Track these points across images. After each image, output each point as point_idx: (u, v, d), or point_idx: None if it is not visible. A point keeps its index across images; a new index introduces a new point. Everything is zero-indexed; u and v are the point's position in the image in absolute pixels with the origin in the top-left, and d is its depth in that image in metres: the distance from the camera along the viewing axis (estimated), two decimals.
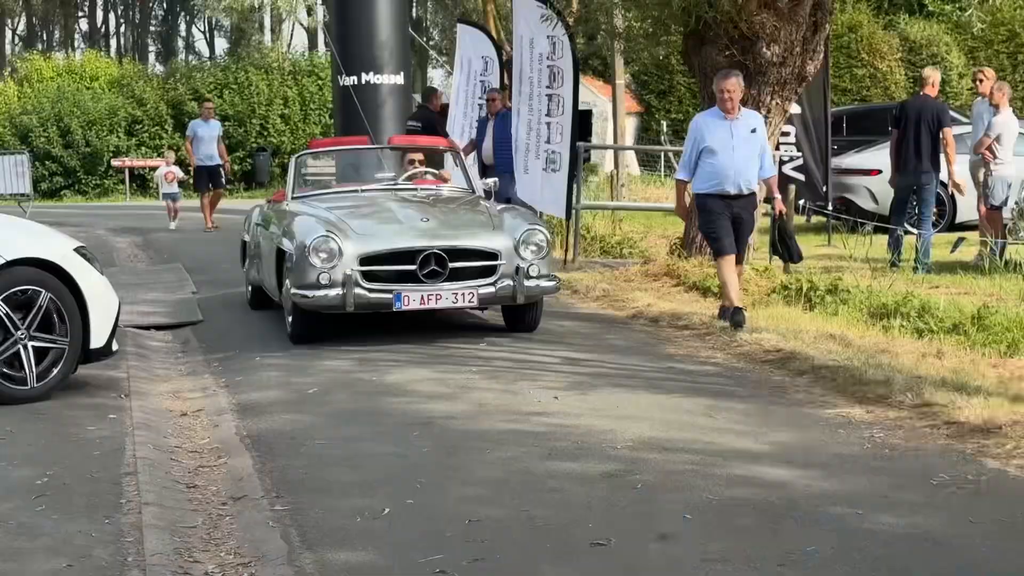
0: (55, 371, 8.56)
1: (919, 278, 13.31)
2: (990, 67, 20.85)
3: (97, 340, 8.74)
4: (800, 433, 7.45)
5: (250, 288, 12.90)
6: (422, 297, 10.18)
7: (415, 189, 12.02)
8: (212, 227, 22.81)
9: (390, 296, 10.18)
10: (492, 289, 10.37)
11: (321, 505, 6.21)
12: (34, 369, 8.46)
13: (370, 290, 10.21)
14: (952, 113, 17.78)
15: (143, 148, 37.17)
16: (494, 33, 20.02)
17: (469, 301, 10.38)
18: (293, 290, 10.29)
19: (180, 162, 26.83)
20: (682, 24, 11.71)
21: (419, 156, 12.69)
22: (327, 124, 36.94)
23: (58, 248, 8.74)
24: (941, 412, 7.60)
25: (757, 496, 6.17)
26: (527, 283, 10.43)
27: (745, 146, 10.69)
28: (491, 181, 12.86)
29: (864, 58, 37.36)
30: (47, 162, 36.45)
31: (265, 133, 37.79)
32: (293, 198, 11.92)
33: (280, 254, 10.87)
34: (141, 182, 37.02)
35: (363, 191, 11.91)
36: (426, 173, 12.61)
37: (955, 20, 38.15)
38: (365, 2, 23.50)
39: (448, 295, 10.24)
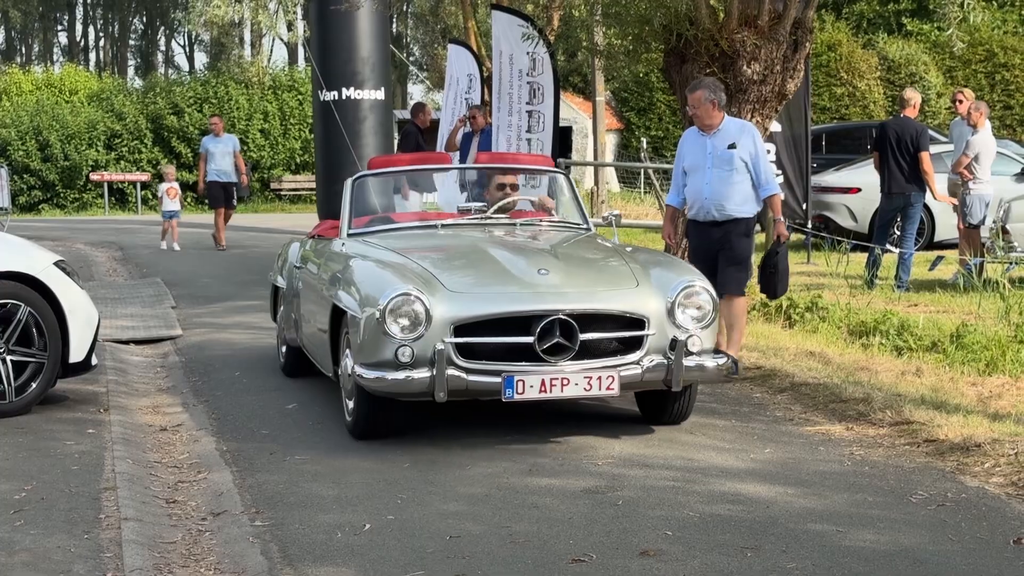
0: (34, 385, 8.53)
1: (898, 296, 13.36)
2: (968, 87, 20.96)
3: (76, 354, 8.71)
4: (780, 450, 7.47)
5: (284, 348, 10.21)
6: (543, 382, 7.27)
7: (513, 224, 9.12)
8: (223, 247, 22.00)
9: (498, 380, 7.24)
10: (638, 371, 7.48)
11: (301, 520, 6.19)
12: (13, 383, 8.43)
13: (469, 371, 7.30)
14: (931, 132, 17.87)
15: (122, 162, 37.11)
16: (476, 50, 20.06)
17: (607, 388, 7.40)
18: (359, 369, 7.41)
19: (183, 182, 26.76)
20: (663, 41, 11.71)
21: (513, 179, 9.61)
22: (307, 139, 36.96)
23: (37, 262, 8.72)
24: (920, 430, 7.63)
25: (738, 513, 6.18)
26: (687, 362, 7.60)
27: (722, 165, 9.47)
28: (613, 214, 9.90)
29: (843, 77, 37.54)
30: (25, 176, 36.38)
31: (245, 148, 37.74)
32: (351, 235, 9.03)
33: (336, 314, 8.08)
34: (120, 196, 36.96)
35: (444, 226, 9.07)
36: (521, 202, 9.71)
37: (934, 40, 38.43)
38: (346, 17, 23.52)
39: (578, 379, 7.30)
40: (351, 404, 7.84)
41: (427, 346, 7.27)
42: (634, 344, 7.54)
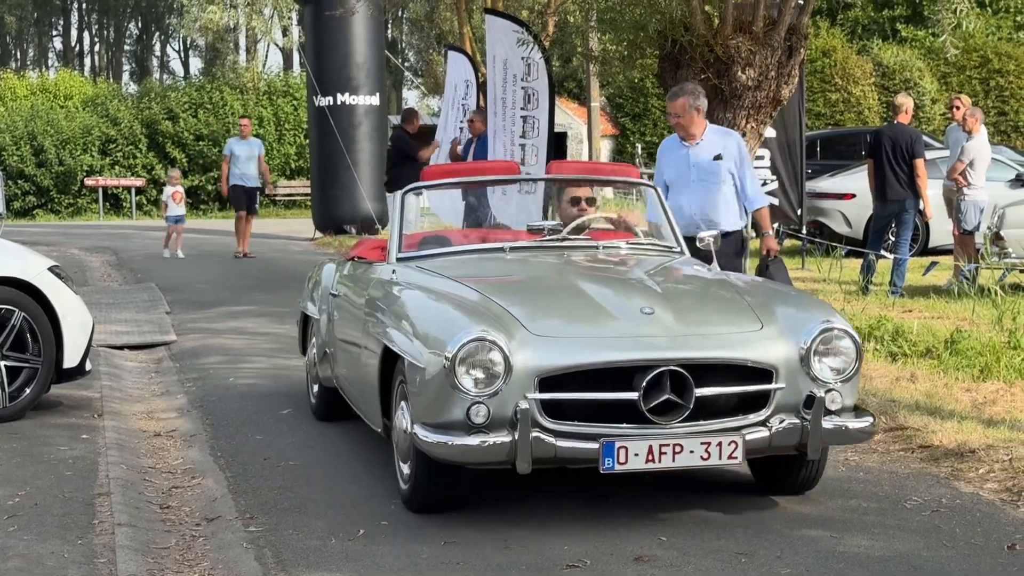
0: (28, 391, 8.51)
1: (892, 302, 13.37)
2: (963, 93, 20.98)
3: (70, 360, 8.70)
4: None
5: (316, 388, 8.69)
6: (650, 449, 5.88)
7: (594, 247, 7.57)
8: (246, 253, 21.12)
9: (594, 447, 5.83)
10: (765, 434, 6.05)
11: (295, 526, 6.19)
12: (7, 388, 8.42)
13: (559, 434, 5.86)
14: (925, 138, 17.89)
15: (117, 167, 37.09)
16: (471, 55, 20.10)
17: (729, 456, 5.97)
18: (419, 430, 5.98)
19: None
20: (657, 47, 11.73)
21: (589, 192, 8.04)
22: (302, 145, 36.95)
23: (32, 267, 8.71)
24: (915, 436, 7.63)
25: (732, 519, 6.18)
26: (826, 423, 6.09)
27: (709, 178, 8.87)
28: (710, 235, 7.96)
29: (838, 83, 37.57)
30: (20, 181, 36.34)
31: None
32: (401, 258, 7.42)
33: (388, 357, 6.63)
34: (115, 201, 36.93)
35: (513, 249, 7.47)
36: (601, 220, 8.23)
37: (928, 46, 38.48)
38: (341, 23, 23.56)
39: (693, 445, 5.90)
40: (406, 469, 6.40)
41: (506, 403, 5.84)
42: (759, 401, 6.09)
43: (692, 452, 5.91)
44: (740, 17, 11.25)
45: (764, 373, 6.08)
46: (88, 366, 9.02)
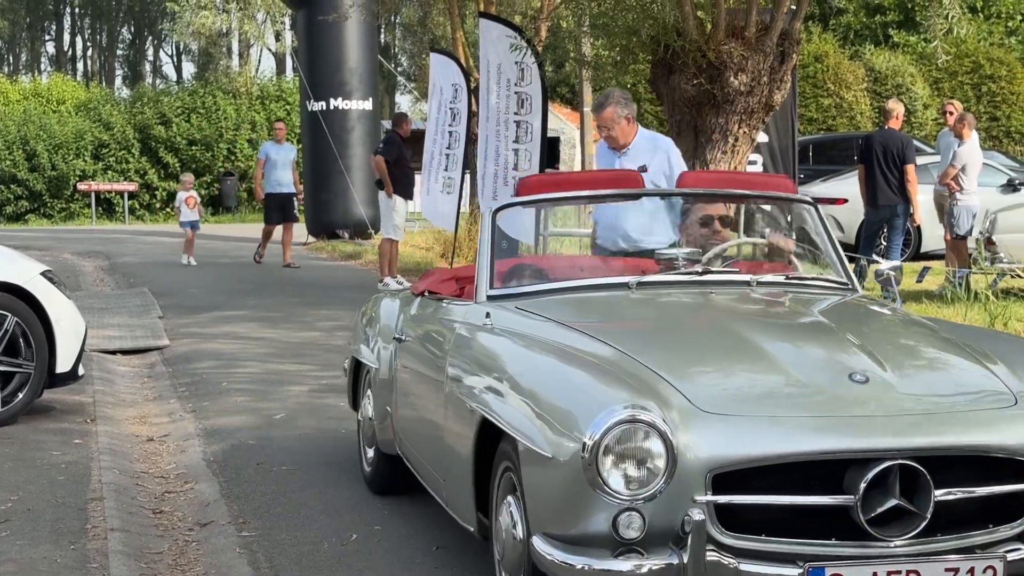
0: (20, 395, 8.50)
1: None
2: (955, 98, 21.03)
3: (63, 364, 8.69)
4: None
5: (372, 454, 6.98)
6: None
7: (745, 282, 5.79)
8: (288, 263, 20.16)
9: (794, 573, 4.15)
10: None
11: (288, 531, 6.19)
12: None
13: (743, 554, 4.19)
14: (917, 143, 17.94)
15: (109, 172, 37.08)
16: (463, 60, 20.08)
17: None
18: (542, 545, 4.31)
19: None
20: (650, 52, 11.74)
21: (723, 209, 6.62)
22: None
23: (24, 272, 8.70)
24: None
25: None
26: None
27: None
28: (890, 266, 6.49)
29: (830, 88, 37.63)
30: (12, 185, 36.34)
31: (232, 158, 37.73)
32: (493, 297, 5.71)
33: (487, 433, 4.88)
34: (107, 206, 36.91)
35: (640, 285, 5.67)
36: (751, 246, 6.81)
37: (920, 51, 38.57)
38: (334, 28, 23.59)
39: (935, 571, 4.20)
40: None
41: (669, 510, 4.14)
42: (1014, 506, 4.36)
43: None
44: (733, 22, 11.28)
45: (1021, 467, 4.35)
46: (81, 371, 9.00)
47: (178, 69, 76.89)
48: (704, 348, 4.90)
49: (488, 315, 5.50)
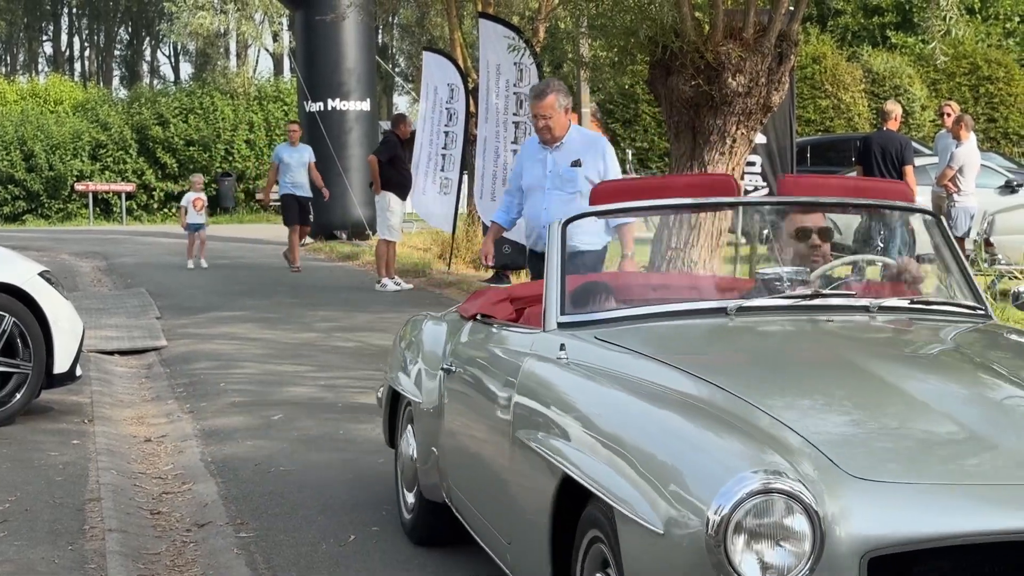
0: (18, 396, 8.50)
1: None
2: (953, 99, 21.05)
3: (61, 365, 8.68)
4: None
5: (413, 499, 6.09)
6: None
7: (864, 307, 4.83)
8: (297, 268, 19.71)
9: None
10: None
11: (286, 531, 6.19)
12: None
13: None
14: (915, 145, 17.95)
15: (107, 172, 37.04)
16: (460, 61, 20.08)
17: None
18: None
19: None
20: (648, 53, 11.73)
21: (822, 220, 5.45)
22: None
23: (22, 272, 8.69)
24: None
25: None
26: None
27: (564, 186, 7.90)
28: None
29: (828, 89, 37.64)
30: (9, 186, 36.30)
31: (230, 158, 37.70)
32: (565, 324, 4.74)
33: (568, 493, 3.98)
34: (105, 206, 36.89)
35: (740, 311, 4.70)
36: (842, 265, 5.58)
37: (918, 52, 38.58)
38: (331, 28, 23.60)
39: None
40: None
41: None
42: None
43: None
44: (731, 23, 11.27)
45: None
46: (78, 371, 9.00)
47: (176, 70, 76.92)
48: (837, 393, 3.96)
49: (563, 347, 4.51)
